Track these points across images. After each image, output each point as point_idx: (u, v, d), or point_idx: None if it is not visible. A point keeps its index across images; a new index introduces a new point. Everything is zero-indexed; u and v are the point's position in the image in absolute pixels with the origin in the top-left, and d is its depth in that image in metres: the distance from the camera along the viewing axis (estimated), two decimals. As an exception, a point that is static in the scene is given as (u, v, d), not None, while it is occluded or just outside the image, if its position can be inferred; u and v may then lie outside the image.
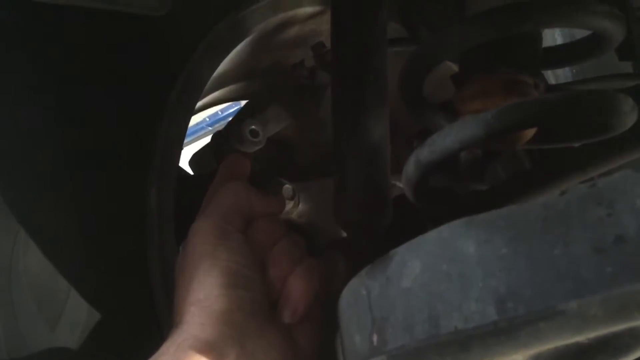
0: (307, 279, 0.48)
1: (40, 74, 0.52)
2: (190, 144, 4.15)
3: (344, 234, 0.65)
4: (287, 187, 0.68)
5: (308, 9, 0.77)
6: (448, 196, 0.60)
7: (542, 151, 0.76)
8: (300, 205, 0.70)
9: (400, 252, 0.41)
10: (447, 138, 0.46)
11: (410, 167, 0.50)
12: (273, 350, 0.45)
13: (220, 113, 4.72)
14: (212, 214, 0.49)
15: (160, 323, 0.56)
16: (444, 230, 0.38)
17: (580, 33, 0.58)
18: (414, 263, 0.39)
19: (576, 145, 0.63)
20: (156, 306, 0.58)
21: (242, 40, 0.72)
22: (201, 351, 0.41)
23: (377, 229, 0.62)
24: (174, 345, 0.41)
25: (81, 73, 0.55)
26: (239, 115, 0.80)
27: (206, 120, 4.96)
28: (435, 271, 0.37)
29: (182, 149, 0.64)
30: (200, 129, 4.98)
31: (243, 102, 0.95)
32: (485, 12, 0.47)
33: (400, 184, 0.83)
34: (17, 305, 0.48)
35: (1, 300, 0.48)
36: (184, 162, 0.77)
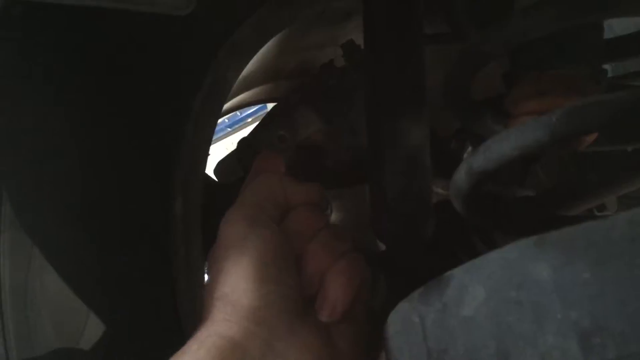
0: (348, 275, 0.43)
1: (60, 81, 0.49)
2: (209, 145, 4.13)
3: (382, 247, 0.61)
4: (319, 195, 0.64)
5: (337, 4, 0.73)
6: (498, 206, 0.55)
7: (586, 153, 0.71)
8: (333, 215, 0.65)
9: (458, 275, 0.36)
10: (505, 144, 0.41)
11: (461, 177, 0.45)
12: (307, 351, 0.41)
13: (239, 114, 4.69)
14: (244, 203, 0.44)
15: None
16: (511, 252, 0.34)
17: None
18: (476, 288, 0.34)
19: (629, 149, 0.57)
20: (183, 324, 0.54)
21: (269, 40, 0.68)
22: (224, 350, 0.37)
23: (419, 240, 0.57)
24: (196, 342, 0.38)
25: (101, 79, 0.51)
26: (266, 120, 0.76)
27: (225, 121, 4.94)
28: (503, 299, 0.33)
29: (208, 155, 0.60)
30: (220, 130, 4.96)
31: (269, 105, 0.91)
32: (545, 1, 0.42)
33: (439, 190, 0.79)
34: (32, 327, 0.44)
35: (15, 322, 0.45)
36: (209, 169, 0.73)
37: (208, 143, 0.60)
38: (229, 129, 4.97)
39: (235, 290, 0.39)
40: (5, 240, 0.44)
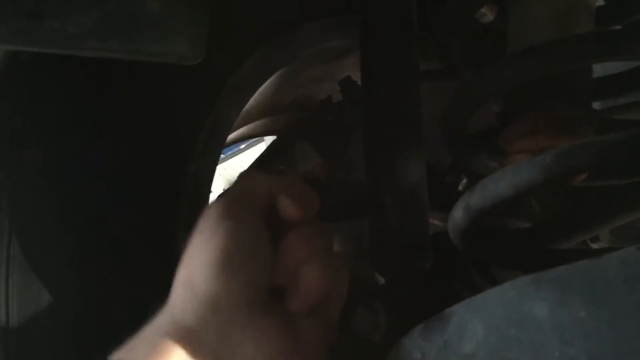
0: (324, 269, 0.42)
1: (67, 124, 0.50)
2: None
3: (381, 280, 0.62)
4: (319, 229, 0.65)
5: (335, 44, 0.75)
6: (494, 240, 0.56)
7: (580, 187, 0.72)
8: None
9: (459, 312, 0.37)
10: (501, 183, 0.42)
11: (458, 213, 0.46)
12: (265, 341, 0.39)
13: (233, 141, 4.69)
14: (226, 194, 0.43)
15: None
16: (509, 290, 0.35)
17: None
18: (476, 325, 0.35)
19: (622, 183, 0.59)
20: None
21: (269, 77, 0.69)
22: (177, 339, 0.37)
23: (418, 273, 0.58)
24: (152, 329, 0.38)
25: (107, 120, 0.53)
26: (265, 154, 0.77)
27: (220, 148, 4.94)
28: (502, 336, 0.34)
29: (210, 192, 0.62)
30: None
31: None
32: (542, 45, 0.43)
33: (435, 222, 0.80)
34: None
35: None
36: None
37: (210, 179, 0.61)
38: (222, 155, 4.98)
39: (195, 275, 0.39)
40: (14, 282, 0.45)
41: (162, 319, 0.38)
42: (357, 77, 0.78)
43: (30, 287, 0.46)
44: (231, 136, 0.90)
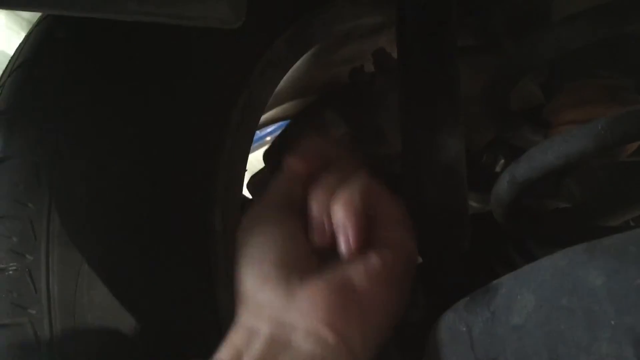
0: (345, 199, 0.40)
1: (104, 100, 0.50)
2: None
3: (419, 259, 0.60)
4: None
5: (369, 20, 0.73)
6: (539, 217, 0.55)
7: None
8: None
9: (507, 284, 0.36)
10: (550, 152, 0.41)
11: (503, 186, 0.45)
12: (315, 309, 0.39)
13: (258, 132, 4.71)
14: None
15: None
16: (561, 259, 0.33)
17: None
18: (526, 296, 0.34)
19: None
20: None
21: (303, 55, 0.68)
22: (242, 336, 0.39)
23: (456, 253, 0.57)
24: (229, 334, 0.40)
25: (143, 93, 0.52)
26: (295, 121, 0.75)
27: (246, 140, 4.96)
28: (554, 306, 0.32)
29: (245, 169, 0.61)
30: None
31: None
32: (592, 10, 0.42)
33: (473, 203, 0.78)
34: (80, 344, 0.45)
35: (64, 339, 0.46)
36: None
37: (245, 157, 0.60)
38: (250, 147, 5.00)
39: (238, 285, 0.41)
40: (54, 257, 0.45)
41: (233, 326, 0.41)
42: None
43: (71, 263, 0.46)
44: (264, 117, 0.89)
